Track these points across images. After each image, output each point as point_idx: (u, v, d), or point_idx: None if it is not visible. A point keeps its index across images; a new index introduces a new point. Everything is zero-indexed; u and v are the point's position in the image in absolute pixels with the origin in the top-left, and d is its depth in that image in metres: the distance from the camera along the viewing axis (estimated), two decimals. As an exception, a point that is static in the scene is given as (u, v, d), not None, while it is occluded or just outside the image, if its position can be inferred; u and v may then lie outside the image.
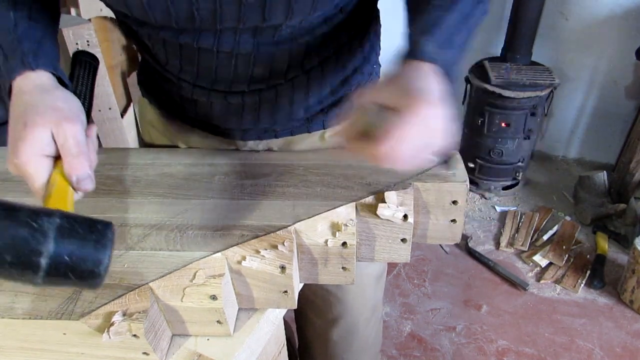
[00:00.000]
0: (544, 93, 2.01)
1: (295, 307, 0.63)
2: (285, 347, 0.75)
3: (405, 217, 0.63)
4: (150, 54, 0.70)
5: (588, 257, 1.97)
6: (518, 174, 2.24)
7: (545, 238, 2.06)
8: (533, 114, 2.05)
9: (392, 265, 1.94)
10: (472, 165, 2.24)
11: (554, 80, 2.02)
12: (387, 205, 0.63)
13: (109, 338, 0.52)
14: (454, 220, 0.69)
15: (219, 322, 0.57)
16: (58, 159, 0.51)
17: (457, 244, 2.07)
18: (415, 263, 1.99)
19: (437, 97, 0.49)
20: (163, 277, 0.56)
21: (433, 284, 1.91)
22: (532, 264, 1.96)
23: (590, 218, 2.11)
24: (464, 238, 2.06)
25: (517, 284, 1.86)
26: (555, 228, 2.10)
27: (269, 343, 0.67)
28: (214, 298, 0.55)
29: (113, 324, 0.52)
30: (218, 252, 0.58)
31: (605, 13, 2.09)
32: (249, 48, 0.63)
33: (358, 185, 0.67)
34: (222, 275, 0.56)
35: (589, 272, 1.89)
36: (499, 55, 2.19)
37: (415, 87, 0.49)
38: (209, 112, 0.74)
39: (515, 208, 2.23)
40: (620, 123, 2.29)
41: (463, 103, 2.23)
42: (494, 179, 2.26)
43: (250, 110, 0.72)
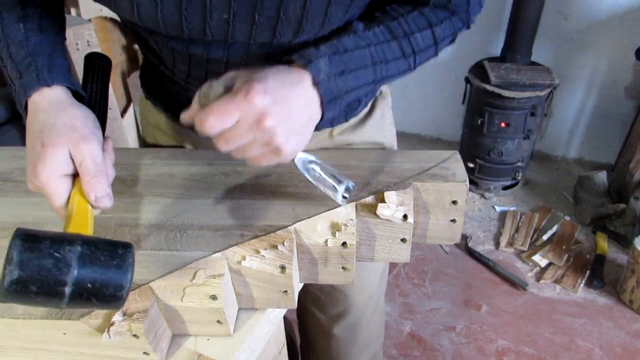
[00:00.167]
0: (544, 93, 2.01)
1: (295, 306, 0.63)
2: (285, 346, 0.75)
3: (405, 217, 0.63)
4: (157, 57, 0.70)
5: (588, 257, 1.97)
6: (518, 174, 2.24)
7: (545, 238, 2.06)
8: (533, 114, 2.05)
9: (392, 265, 1.94)
10: (471, 165, 2.24)
11: (554, 80, 2.02)
12: (387, 205, 0.63)
13: (109, 338, 0.52)
14: (454, 220, 0.69)
15: (219, 322, 0.57)
16: (77, 176, 0.53)
17: (457, 244, 2.07)
18: (415, 263, 1.99)
19: (274, 90, 0.49)
20: (163, 277, 0.56)
21: (433, 284, 1.91)
22: (531, 264, 1.96)
23: (590, 218, 2.12)
24: (464, 238, 2.06)
25: (516, 284, 1.87)
26: (555, 228, 2.10)
27: (269, 343, 0.67)
28: (214, 298, 0.55)
29: (113, 324, 0.52)
30: (218, 252, 0.58)
31: (605, 13, 2.09)
32: (259, 57, 0.63)
33: (358, 185, 0.67)
34: (222, 275, 0.56)
35: (589, 272, 1.89)
36: (499, 55, 2.19)
37: (263, 75, 0.50)
38: None
39: (515, 208, 2.24)
40: (620, 123, 2.29)
41: (463, 103, 2.24)
42: (494, 179, 2.26)
43: None
